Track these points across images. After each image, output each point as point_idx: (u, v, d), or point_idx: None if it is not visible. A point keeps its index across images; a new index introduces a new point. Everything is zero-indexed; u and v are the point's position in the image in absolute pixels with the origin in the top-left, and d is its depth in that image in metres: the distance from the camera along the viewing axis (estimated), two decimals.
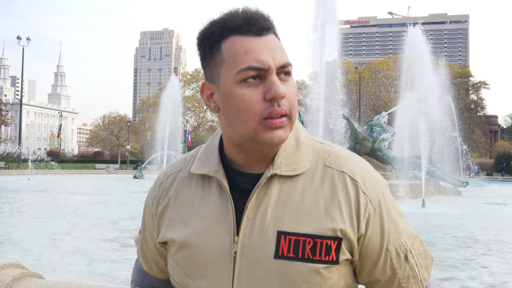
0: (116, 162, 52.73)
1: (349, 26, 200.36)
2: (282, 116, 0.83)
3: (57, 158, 58.38)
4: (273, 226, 0.85)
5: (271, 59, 0.83)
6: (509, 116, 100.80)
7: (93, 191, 18.96)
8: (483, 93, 69.91)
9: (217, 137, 0.96)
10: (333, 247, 0.84)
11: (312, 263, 0.83)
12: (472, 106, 65.33)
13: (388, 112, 21.95)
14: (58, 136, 72.47)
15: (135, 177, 29.17)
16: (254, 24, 0.84)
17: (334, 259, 0.84)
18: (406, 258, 0.89)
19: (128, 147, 49.95)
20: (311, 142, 0.93)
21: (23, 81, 44.49)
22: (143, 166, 31.72)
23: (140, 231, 1.06)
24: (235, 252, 0.86)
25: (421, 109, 15.75)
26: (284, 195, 0.87)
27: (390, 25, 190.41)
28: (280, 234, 0.84)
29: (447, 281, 5.35)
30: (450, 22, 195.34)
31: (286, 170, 0.88)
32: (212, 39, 0.86)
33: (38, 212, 11.75)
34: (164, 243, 0.96)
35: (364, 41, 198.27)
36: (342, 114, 20.46)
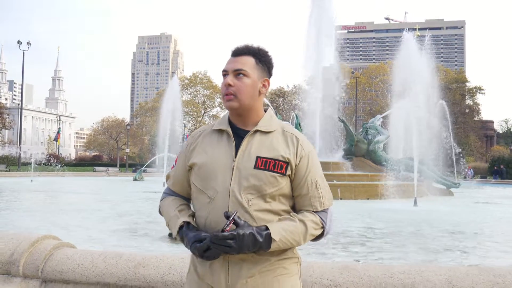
0: (115, 166, 53.10)
1: (346, 31, 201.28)
2: (229, 94, 1.68)
3: (58, 162, 58.82)
4: (254, 153, 1.65)
5: (230, 67, 1.71)
6: (504, 121, 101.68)
7: (96, 191, 19.46)
8: (479, 98, 70.26)
9: (226, 113, 1.80)
10: (284, 166, 1.65)
11: (272, 172, 1.64)
12: (467, 110, 65.89)
13: (382, 115, 22.52)
14: (56, 140, 72.71)
15: (135, 179, 29.59)
16: (235, 51, 1.74)
17: (284, 172, 1.65)
18: (316, 186, 1.69)
19: (127, 150, 50.29)
20: (279, 121, 1.78)
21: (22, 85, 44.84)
22: (142, 168, 32.21)
23: (172, 167, 2.08)
24: (233, 167, 1.65)
25: (415, 113, 16.24)
26: (262, 140, 1.69)
27: (387, 31, 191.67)
28: (257, 157, 1.65)
29: (429, 263, 5.88)
30: (447, 28, 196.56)
31: (263, 128, 1.70)
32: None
33: (46, 208, 12.25)
34: (191, 166, 1.73)
35: (361, 46, 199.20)
36: (338, 117, 21.00)
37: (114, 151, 65.05)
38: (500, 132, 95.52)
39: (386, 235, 8.11)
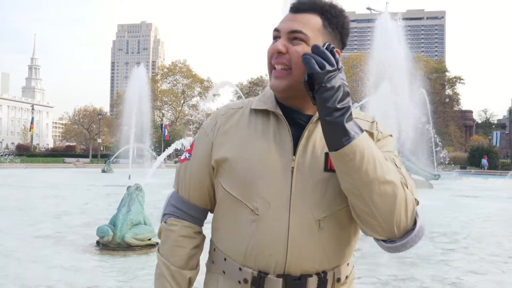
0: (87, 156, 51.36)
1: None
2: (280, 64, 1.16)
3: (27, 152, 56.70)
4: (321, 149, 1.15)
5: (285, 26, 1.18)
6: (483, 111, 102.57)
7: (54, 185, 17.98)
8: (459, 88, 70.47)
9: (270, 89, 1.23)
10: None
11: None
12: (447, 100, 65.79)
13: (359, 103, 21.53)
14: (30, 130, 70.46)
15: (103, 171, 28.20)
16: (295, 4, 1.21)
17: None
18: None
19: (99, 140, 48.62)
20: None
21: None
22: (111, 160, 30.66)
23: (184, 158, 1.30)
24: (293, 168, 1.15)
25: (392, 100, 15.31)
26: None
27: (368, 21, 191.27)
28: (327, 154, 1.13)
29: (407, 280, 4.84)
30: (427, 18, 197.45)
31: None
32: None
33: None
34: (220, 162, 1.20)
35: None
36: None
37: (92, 141, 63.15)
38: (479, 122, 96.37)
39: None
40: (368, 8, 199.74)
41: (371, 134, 1.19)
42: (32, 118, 68.86)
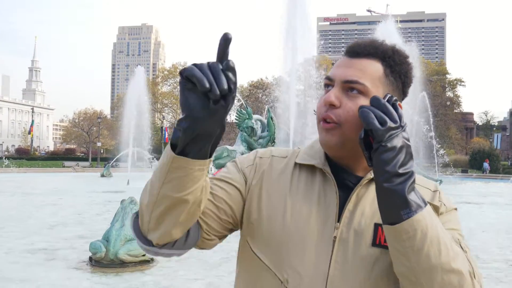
0: (87, 160, 51.19)
1: (328, 23, 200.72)
2: (329, 121, 0.99)
3: (27, 155, 56.57)
4: (371, 219, 0.99)
5: (340, 74, 1.01)
6: (484, 113, 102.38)
7: (50, 191, 17.79)
8: (459, 90, 70.13)
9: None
10: None
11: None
12: (448, 103, 65.60)
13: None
14: (29, 133, 70.29)
15: (102, 175, 28.03)
16: (353, 47, 1.04)
17: None
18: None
19: (99, 144, 48.47)
20: None
21: None
22: (110, 164, 30.47)
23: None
24: (335, 237, 0.99)
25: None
26: None
27: (369, 23, 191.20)
28: (377, 225, 0.98)
29: None
30: (428, 20, 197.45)
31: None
32: None
33: None
34: (252, 218, 1.05)
35: (343, 38, 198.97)
36: (314, 110, 19.78)
37: (91, 144, 63.03)
38: (480, 124, 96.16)
39: None
40: (368, 10, 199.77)
41: (435, 208, 1.01)
42: (32, 121, 68.75)
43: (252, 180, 1.07)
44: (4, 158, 34.95)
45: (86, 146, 67.10)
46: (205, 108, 0.82)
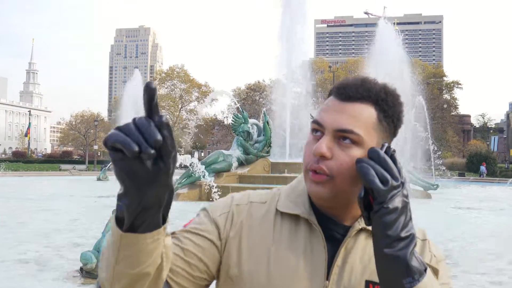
0: (84, 163, 51.04)
1: (325, 25, 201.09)
2: (320, 173, 0.91)
3: (24, 158, 56.42)
4: (361, 275, 0.93)
5: (331, 121, 0.91)
6: (481, 115, 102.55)
7: (45, 195, 17.69)
8: (456, 92, 70.37)
9: (303, 182, 0.98)
10: None
11: None
12: (445, 105, 65.73)
13: None
14: (26, 135, 70.12)
15: (98, 179, 27.94)
16: (344, 87, 0.93)
17: None
18: None
19: (96, 147, 48.37)
20: None
21: None
22: (107, 167, 30.35)
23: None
24: None
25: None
26: (370, 247, 0.89)
27: (366, 25, 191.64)
28: (368, 283, 0.92)
29: None
30: (425, 23, 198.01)
31: None
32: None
33: None
34: (230, 273, 0.95)
35: (340, 40, 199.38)
36: (310, 114, 19.78)
37: (88, 147, 62.92)
38: (477, 126, 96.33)
39: None
40: (366, 13, 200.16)
41: (434, 271, 0.92)
42: (29, 123, 68.67)
43: (229, 231, 0.97)
44: (3, 161, 34.82)
45: (83, 148, 66.99)
46: (143, 175, 0.68)
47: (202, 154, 72.73)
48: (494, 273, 6.45)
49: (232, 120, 18.25)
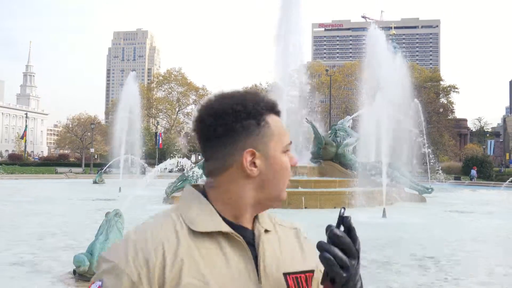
0: (80, 165, 50.89)
1: (323, 29, 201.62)
2: None
3: (20, 161, 56.20)
4: (277, 270, 0.99)
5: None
6: (478, 119, 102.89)
7: (40, 199, 17.64)
8: (453, 96, 70.44)
9: (201, 197, 1.01)
10: (309, 277, 1.04)
11: None
12: (441, 109, 65.87)
13: (352, 116, 21.37)
14: (22, 138, 69.92)
15: (94, 182, 27.88)
16: (278, 109, 1.05)
17: (310, 286, 1.04)
18: None
19: (92, 150, 48.25)
20: None
21: None
22: (103, 170, 30.30)
23: None
24: None
25: (386, 112, 15.16)
26: (273, 244, 1.02)
27: (363, 29, 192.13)
28: (285, 275, 1.00)
29: None
30: (422, 27, 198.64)
31: (268, 226, 1.05)
32: (258, 113, 1.00)
33: None
34: None
35: (337, 44, 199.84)
36: (306, 118, 19.83)
37: (85, 150, 62.74)
38: (473, 130, 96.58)
39: None
40: (363, 17, 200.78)
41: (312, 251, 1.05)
42: (26, 126, 68.44)
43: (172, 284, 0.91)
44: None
45: (80, 151, 66.85)
46: None
47: (199, 157, 72.65)
48: (483, 276, 6.50)
49: None
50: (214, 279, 0.92)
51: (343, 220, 0.91)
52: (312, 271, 1.04)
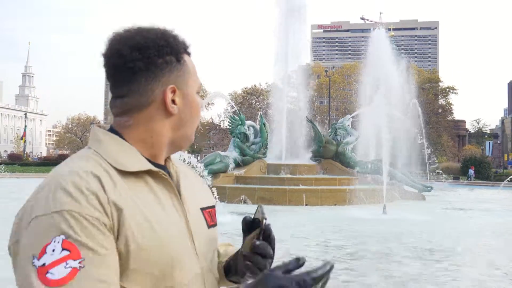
0: None
1: (322, 30, 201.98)
2: None
3: (20, 161, 56.28)
4: (194, 204, 1.03)
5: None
6: (476, 121, 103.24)
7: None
8: (451, 98, 70.72)
9: (118, 138, 0.97)
10: (214, 211, 1.12)
11: (216, 226, 1.10)
12: (440, 110, 66.11)
13: (352, 115, 21.52)
14: (21, 138, 70.03)
15: None
16: (190, 50, 1.06)
17: (215, 219, 1.12)
18: None
19: None
20: None
21: None
22: None
23: (74, 270, 0.78)
24: (192, 235, 0.99)
25: (384, 111, 15.32)
26: (187, 182, 1.05)
27: (362, 30, 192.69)
28: (202, 210, 1.05)
29: None
30: (421, 29, 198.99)
31: (178, 164, 1.08)
32: (178, 50, 1.00)
33: None
34: (125, 257, 0.86)
35: (336, 45, 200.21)
36: (306, 117, 19.97)
37: None
38: (472, 131, 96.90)
39: (346, 258, 6.96)
40: (362, 18, 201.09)
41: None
42: (25, 126, 68.47)
43: (112, 215, 0.86)
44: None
45: None
46: None
47: (199, 158, 72.82)
48: (484, 266, 6.65)
49: (229, 122, 18.47)
50: (154, 217, 0.91)
51: (264, 230, 0.99)
52: (214, 206, 1.12)
